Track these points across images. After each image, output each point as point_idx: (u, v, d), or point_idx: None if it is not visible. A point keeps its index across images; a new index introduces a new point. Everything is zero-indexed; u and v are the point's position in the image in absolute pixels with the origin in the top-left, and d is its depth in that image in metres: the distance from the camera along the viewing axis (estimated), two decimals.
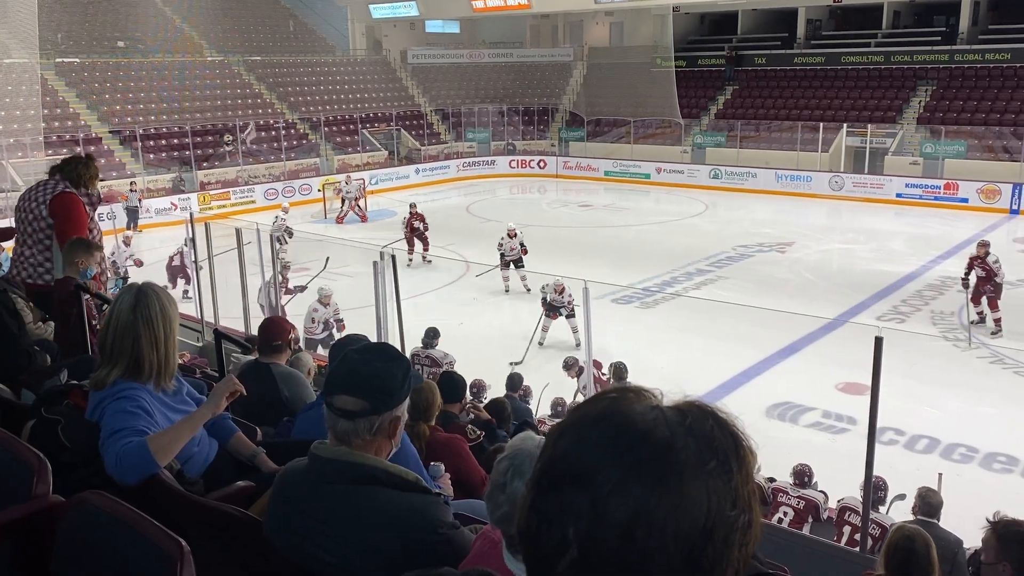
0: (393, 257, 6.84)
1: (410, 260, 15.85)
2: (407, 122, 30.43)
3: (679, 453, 0.72)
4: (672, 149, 27.54)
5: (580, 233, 19.34)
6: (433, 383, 4.38)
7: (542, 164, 29.31)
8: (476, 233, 20.21)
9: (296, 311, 10.34)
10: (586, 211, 22.52)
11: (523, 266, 14.12)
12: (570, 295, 10.84)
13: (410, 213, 16.72)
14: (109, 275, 4.47)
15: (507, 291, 14.08)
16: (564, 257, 15.85)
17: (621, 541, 0.70)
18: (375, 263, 6.65)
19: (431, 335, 8.74)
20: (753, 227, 19.61)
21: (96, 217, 4.43)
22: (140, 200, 20.21)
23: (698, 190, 25.06)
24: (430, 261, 16.36)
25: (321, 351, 9.73)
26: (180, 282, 13.17)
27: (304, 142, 27.07)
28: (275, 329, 4.20)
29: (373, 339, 6.26)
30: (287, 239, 15.32)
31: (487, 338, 11.68)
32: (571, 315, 10.05)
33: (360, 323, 12.00)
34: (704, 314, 11.96)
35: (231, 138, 24.76)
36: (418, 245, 16.49)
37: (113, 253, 13.41)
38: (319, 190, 23.28)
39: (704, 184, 25.39)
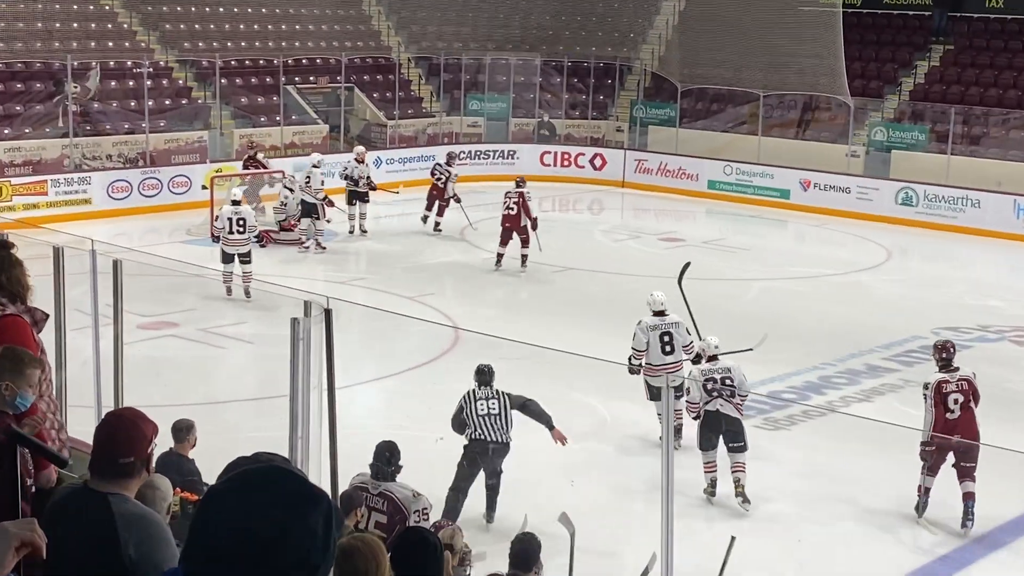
0: (328, 312, 6.82)
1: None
2: (366, 76, 30.86)
3: None
4: (832, 149, 27.80)
5: (661, 288, 19.28)
6: (378, 542, 4.40)
7: (599, 161, 29.60)
8: (473, 277, 20.20)
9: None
10: (673, 249, 22.61)
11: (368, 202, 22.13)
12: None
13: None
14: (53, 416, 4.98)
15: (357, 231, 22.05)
16: (631, 325, 15.79)
17: None
18: (294, 322, 6.61)
19: (386, 458, 8.68)
20: (971, 295, 19.75)
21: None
22: None
23: (876, 223, 25.23)
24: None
25: None
26: None
27: (185, 103, 27.49)
28: (124, 434, 4.13)
29: (296, 461, 6.16)
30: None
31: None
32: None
33: (264, 425, 11.92)
34: (876, 445, 11.84)
35: (76, 87, 25.10)
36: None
37: None
38: (203, 187, 23.49)
39: (887, 214, 25.56)
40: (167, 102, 27.12)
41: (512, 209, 19.44)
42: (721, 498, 10.99)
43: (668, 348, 12.13)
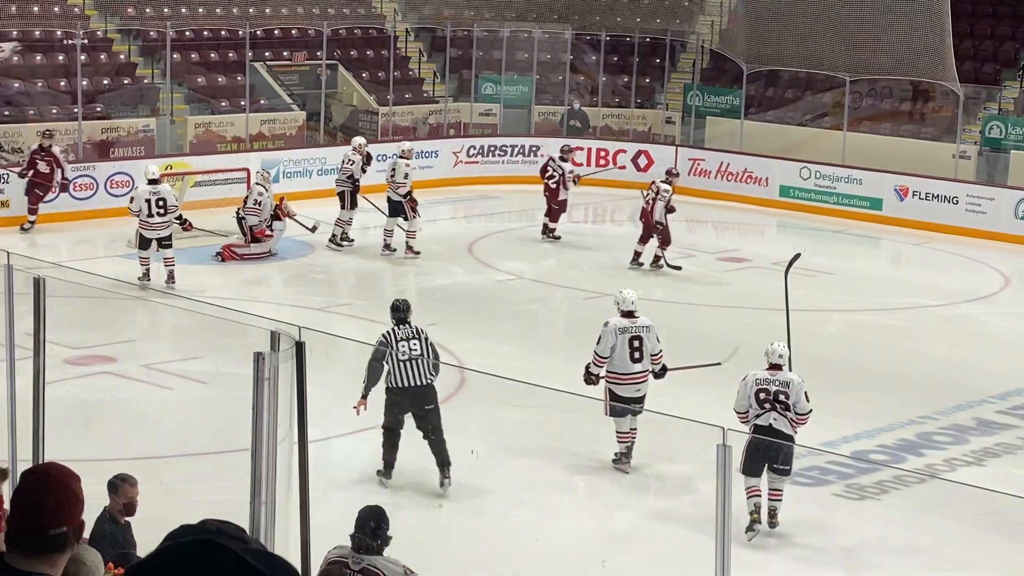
0: (300, 345, 6.83)
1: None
2: (354, 52, 30.91)
3: None
4: (936, 149, 27.71)
5: (717, 320, 19.30)
6: None
7: (643, 161, 29.53)
8: (483, 303, 20.18)
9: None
10: (735, 272, 22.64)
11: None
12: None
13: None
14: None
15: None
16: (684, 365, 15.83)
17: None
18: (257, 357, 6.63)
19: (371, 528, 8.69)
20: None
21: None
22: None
23: (991, 242, 25.14)
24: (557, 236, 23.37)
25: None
26: None
27: (128, 83, 27.53)
28: (53, 498, 4.12)
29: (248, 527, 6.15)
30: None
31: (488, 533, 11.62)
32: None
33: (220, 487, 11.92)
34: (990, 521, 11.79)
35: None
36: None
37: None
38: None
39: (1004, 231, 25.44)
40: (105, 82, 27.15)
41: (649, 204, 20.93)
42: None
43: (637, 355, 12.84)
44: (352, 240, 22.33)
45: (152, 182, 18.89)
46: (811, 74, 29.82)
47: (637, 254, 21.49)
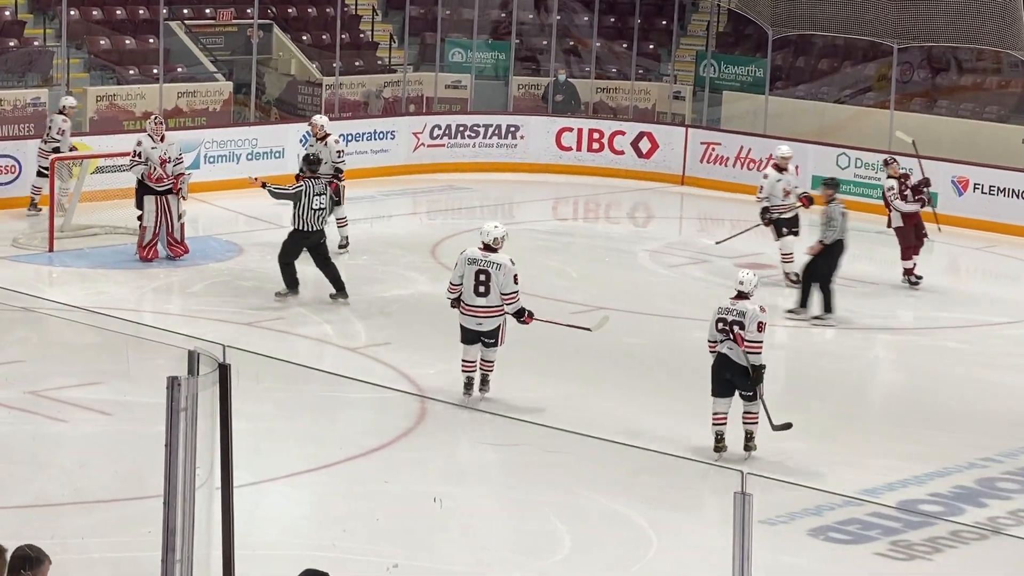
0: (224, 368, 6.85)
1: None
2: (292, 9, 30.99)
3: None
4: (1002, 132, 27.84)
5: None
6: None
7: (646, 145, 29.51)
8: (449, 319, 20.24)
9: None
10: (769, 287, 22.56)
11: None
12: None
13: None
14: None
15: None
16: (688, 394, 15.86)
17: None
18: (171, 383, 6.65)
19: None
20: None
21: None
22: None
23: None
24: None
25: None
26: None
27: (14, 45, 27.58)
28: None
29: None
30: None
31: None
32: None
33: (126, 542, 11.95)
34: None
35: None
36: None
37: None
38: (40, 173, 23.46)
39: None
40: None
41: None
42: None
43: (482, 289, 15.43)
44: (346, 246, 22.28)
45: None
46: (851, 40, 29.89)
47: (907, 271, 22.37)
